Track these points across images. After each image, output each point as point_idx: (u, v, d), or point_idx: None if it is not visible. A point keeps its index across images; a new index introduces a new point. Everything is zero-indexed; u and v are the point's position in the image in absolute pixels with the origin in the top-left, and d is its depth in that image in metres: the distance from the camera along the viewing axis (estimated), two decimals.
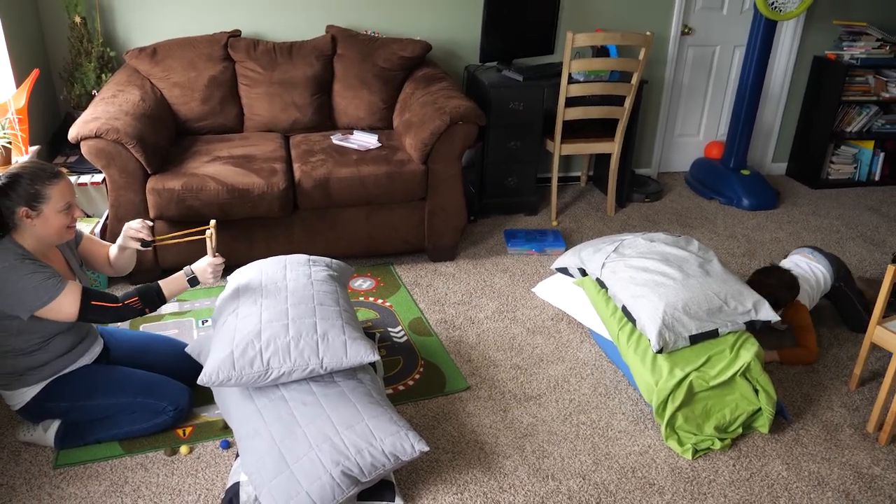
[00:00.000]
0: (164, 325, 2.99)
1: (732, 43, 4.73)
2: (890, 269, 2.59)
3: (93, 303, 2.10)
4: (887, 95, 4.81)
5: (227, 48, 3.65)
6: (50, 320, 2.10)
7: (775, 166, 5.18)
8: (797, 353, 2.91)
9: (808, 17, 4.72)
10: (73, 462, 2.25)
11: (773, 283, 2.88)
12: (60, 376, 2.25)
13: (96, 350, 2.37)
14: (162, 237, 2.56)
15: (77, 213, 2.17)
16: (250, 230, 3.25)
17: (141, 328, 2.94)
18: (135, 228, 2.34)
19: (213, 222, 2.35)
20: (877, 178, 5.07)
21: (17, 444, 2.33)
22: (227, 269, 2.70)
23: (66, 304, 2.07)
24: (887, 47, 4.71)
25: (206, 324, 3.02)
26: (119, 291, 3.17)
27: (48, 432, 2.25)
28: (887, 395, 2.53)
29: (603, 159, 4.46)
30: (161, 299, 2.22)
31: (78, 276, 2.31)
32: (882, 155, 5.03)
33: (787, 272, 2.94)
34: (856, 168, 5.03)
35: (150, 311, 2.22)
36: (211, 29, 3.80)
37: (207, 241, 2.29)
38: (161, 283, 2.24)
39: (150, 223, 2.39)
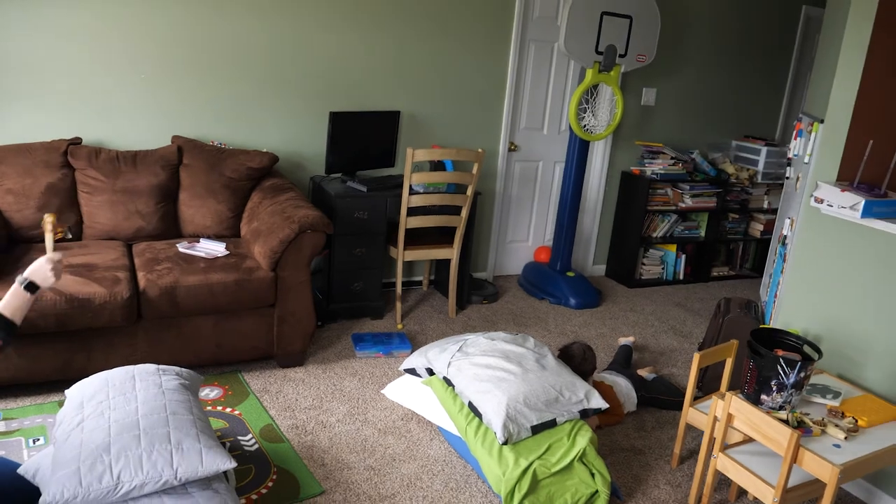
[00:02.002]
0: None
1: (553, 159, 5.27)
2: (696, 357, 2.96)
3: None
4: (683, 205, 5.52)
5: (68, 155, 3.59)
6: None
7: (596, 268, 5.71)
8: (610, 418, 3.35)
9: (615, 138, 5.39)
10: None
11: (572, 357, 3.31)
12: None
13: None
14: None
15: None
16: (88, 341, 3.12)
17: None
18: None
19: (51, 215, 2.23)
20: (681, 276, 5.73)
21: None
22: (65, 383, 2.58)
23: None
24: (680, 164, 5.45)
25: (37, 442, 2.82)
26: None
27: None
28: (703, 470, 2.84)
29: (443, 264, 4.72)
30: (7, 323, 2.04)
31: None
32: (683, 257, 5.72)
33: (575, 344, 3.38)
34: (663, 269, 5.66)
35: (4, 345, 2.05)
36: (49, 136, 3.72)
37: (47, 234, 2.13)
38: None
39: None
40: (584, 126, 4.77)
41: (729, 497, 2.93)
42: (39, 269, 2.13)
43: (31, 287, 2.14)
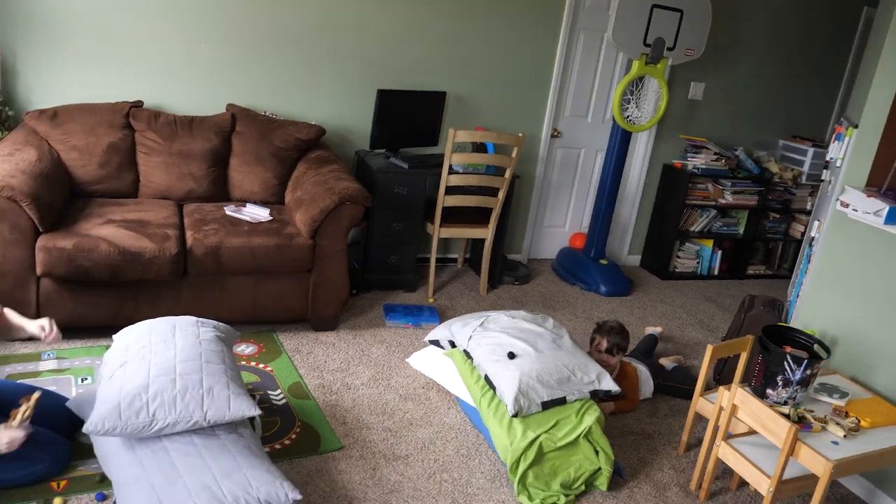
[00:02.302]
0: (43, 381, 3.03)
1: (595, 147, 5.34)
2: (709, 348, 3.05)
3: None
4: (724, 201, 5.53)
5: (129, 117, 3.83)
6: None
7: (631, 258, 5.77)
8: (625, 405, 3.43)
9: (659, 130, 5.41)
10: None
11: (611, 330, 3.43)
12: None
13: None
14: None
15: None
16: (137, 292, 3.36)
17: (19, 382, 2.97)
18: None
19: (36, 394, 2.33)
20: (716, 272, 5.75)
21: None
22: (113, 330, 2.82)
23: None
24: (723, 160, 5.46)
25: (85, 381, 3.08)
26: None
27: None
28: (705, 457, 2.94)
29: (478, 244, 4.86)
30: None
31: None
32: (720, 252, 5.73)
33: (613, 320, 3.49)
34: (698, 263, 5.69)
35: None
36: (113, 97, 3.97)
37: (21, 411, 2.24)
38: None
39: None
40: (628, 117, 4.83)
41: (730, 486, 3.02)
42: (8, 441, 2.22)
43: None
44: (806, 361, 2.64)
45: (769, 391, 2.72)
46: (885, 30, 3.33)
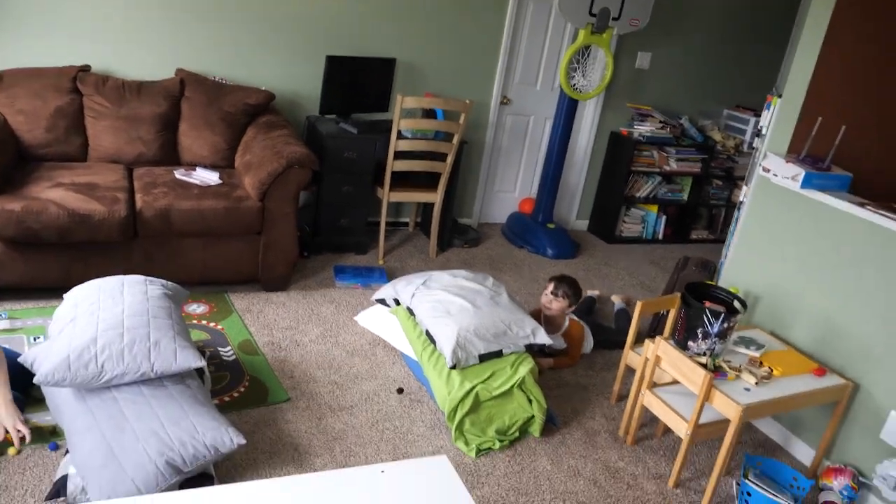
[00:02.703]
0: None
1: (544, 115, 5.47)
2: (638, 304, 3.24)
3: None
4: (668, 168, 5.72)
5: (76, 81, 3.84)
6: None
7: (579, 223, 5.96)
8: (564, 361, 3.63)
9: (606, 99, 5.57)
10: None
11: (562, 278, 3.61)
12: None
13: None
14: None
15: None
16: (87, 254, 3.42)
17: None
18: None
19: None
20: (660, 237, 5.97)
21: None
22: (65, 290, 2.90)
23: None
24: (668, 128, 5.64)
25: (37, 340, 3.16)
26: None
27: None
28: (632, 405, 3.14)
29: (428, 208, 4.98)
30: None
31: None
32: (664, 218, 5.94)
33: (569, 277, 3.65)
34: (643, 228, 5.90)
35: None
36: (60, 62, 3.97)
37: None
38: None
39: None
40: (574, 85, 4.96)
41: (656, 433, 3.24)
42: None
43: None
44: (723, 315, 2.83)
45: (690, 343, 2.92)
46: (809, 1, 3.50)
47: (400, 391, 3.16)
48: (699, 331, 2.88)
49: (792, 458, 3.23)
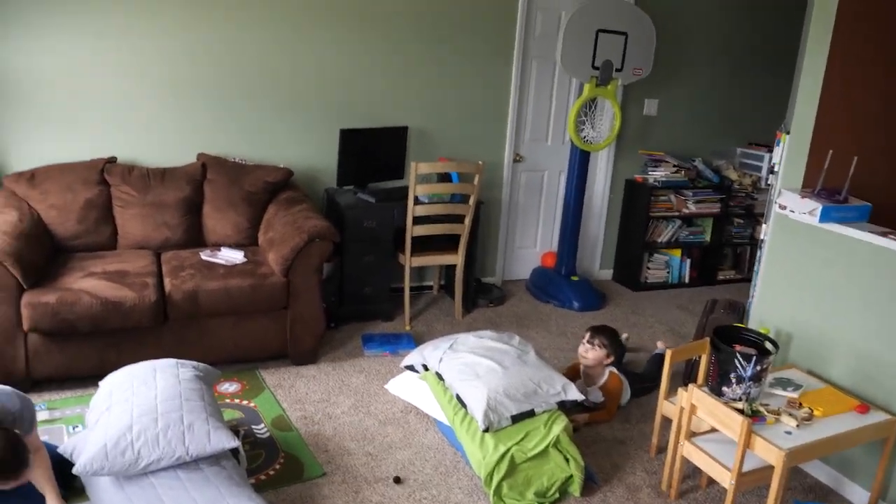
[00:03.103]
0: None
1: (557, 168, 5.54)
2: (668, 352, 3.21)
3: None
4: (687, 211, 5.73)
5: (104, 173, 3.99)
6: None
7: (603, 272, 5.95)
8: (601, 415, 3.58)
9: (618, 148, 5.63)
10: None
11: (598, 328, 3.66)
12: None
13: None
14: None
15: None
16: (120, 340, 3.49)
17: None
18: None
19: None
20: (686, 280, 5.94)
21: None
22: (101, 378, 2.95)
23: None
24: (682, 171, 5.67)
25: (76, 429, 3.20)
26: None
27: None
28: (672, 457, 3.08)
29: (451, 270, 5.02)
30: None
31: None
32: (689, 261, 5.92)
33: (607, 327, 3.70)
34: (668, 272, 5.87)
35: None
36: (88, 155, 4.13)
37: None
38: None
39: None
40: (584, 137, 5.03)
41: (700, 484, 3.16)
42: None
43: None
44: (755, 357, 2.80)
45: (724, 388, 2.88)
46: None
47: (397, 480, 3.01)
48: (732, 375, 2.84)
49: (846, 502, 3.13)
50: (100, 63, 4.10)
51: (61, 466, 2.66)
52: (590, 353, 3.58)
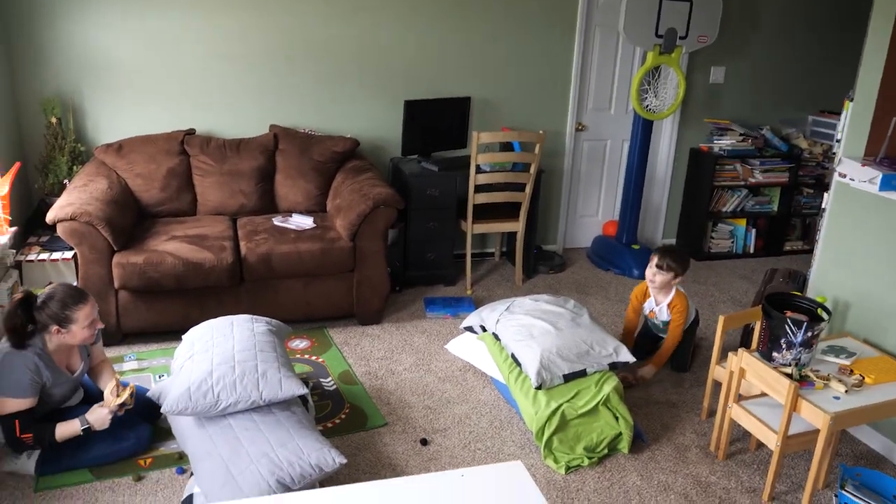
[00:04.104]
0: (127, 379, 3.45)
1: (620, 137, 5.56)
2: (721, 318, 3.27)
3: (15, 420, 2.62)
4: (753, 180, 5.67)
5: (184, 144, 4.26)
6: (52, 398, 2.70)
7: (665, 241, 5.96)
8: (665, 349, 3.69)
9: (683, 116, 5.60)
10: (51, 487, 2.70)
11: (664, 249, 3.71)
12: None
13: (77, 398, 2.89)
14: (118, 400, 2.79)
15: (98, 325, 2.76)
16: (202, 298, 3.77)
17: None
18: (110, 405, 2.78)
19: (132, 386, 2.80)
20: (751, 250, 5.89)
21: (2, 474, 2.77)
22: (184, 332, 3.23)
23: (9, 406, 2.61)
24: (749, 140, 5.60)
25: (161, 378, 3.50)
26: None
27: (31, 459, 2.70)
28: (720, 419, 3.16)
29: (513, 237, 5.14)
30: (52, 441, 2.69)
31: (84, 362, 2.85)
32: (754, 231, 5.86)
33: (673, 248, 3.78)
34: (732, 242, 5.84)
35: (39, 448, 2.70)
36: (169, 127, 4.42)
37: (122, 396, 2.74)
38: (58, 426, 2.69)
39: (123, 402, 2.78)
40: (647, 106, 5.04)
41: (749, 447, 3.23)
42: (99, 419, 2.72)
43: (86, 430, 2.72)
44: (805, 324, 2.84)
45: (775, 354, 2.93)
46: None
47: (424, 442, 3.13)
48: (783, 341, 2.90)
49: None
50: (180, 41, 4.37)
51: (150, 409, 2.95)
52: (657, 276, 3.65)
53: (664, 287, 3.68)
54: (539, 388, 3.07)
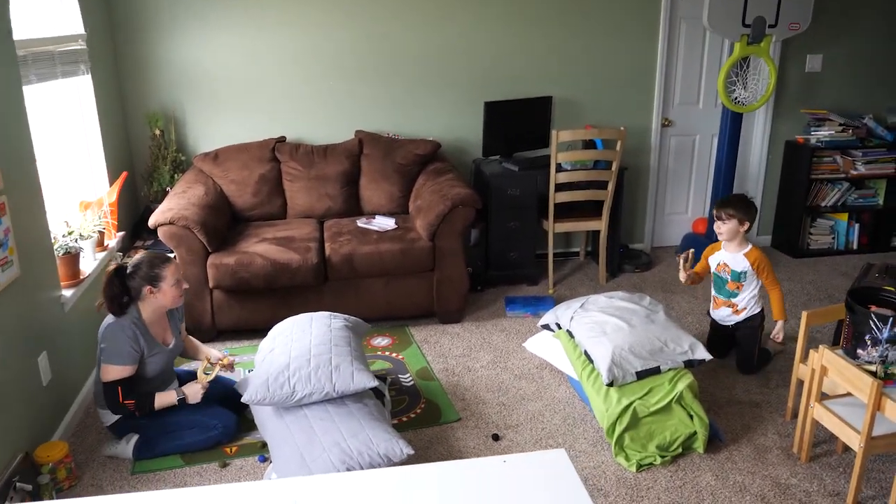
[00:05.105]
0: (219, 374, 3.69)
1: (710, 132, 5.41)
2: (804, 315, 3.16)
3: (118, 387, 2.87)
4: (855, 173, 5.38)
5: (275, 151, 4.51)
6: (149, 368, 2.93)
7: (761, 238, 5.74)
8: (774, 302, 3.68)
9: (777, 107, 5.39)
10: (145, 470, 2.94)
11: (724, 199, 3.71)
12: None
13: (174, 386, 3.14)
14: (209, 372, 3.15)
15: (184, 285, 3.03)
16: (289, 297, 3.98)
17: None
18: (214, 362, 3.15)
19: (229, 358, 3.15)
20: (854, 246, 5.58)
21: (104, 458, 3.04)
22: (271, 327, 3.43)
23: (112, 373, 2.86)
24: (850, 130, 5.32)
25: (250, 372, 3.71)
26: None
27: (129, 444, 2.95)
28: (803, 419, 3.05)
29: (597, 236, 5.10)
30: (151, 408, 2.95)
31: (175, 338, 3.12)
32: (857, 226, 5.56)
33: (733, 195, 3.79)
34: (833, 238, 5.56)
35: (140, 414, 2.95)
36: (262, 136, 4.68)
37: (214, 370, 3.08)
38: (157, 395, 2.97)
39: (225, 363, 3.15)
40: (735, 99, 4.89)
41: (836, 449, 3.10)
42: (192, 393, 3.01)
43: (182, 401, 3.00)
44: (892, 319, 2.71)
45: (859, 351, 2.81)
46: None
47: (496, 438, 3.18)
48: (867, 337, 2.77)
49: None
50: (271, 53, 4.63)
51: (237, 400, 3.15)
52: (722, 227, 3.65)
53: (733, 238, 3.68)
54: (611, 384, 3.06)
